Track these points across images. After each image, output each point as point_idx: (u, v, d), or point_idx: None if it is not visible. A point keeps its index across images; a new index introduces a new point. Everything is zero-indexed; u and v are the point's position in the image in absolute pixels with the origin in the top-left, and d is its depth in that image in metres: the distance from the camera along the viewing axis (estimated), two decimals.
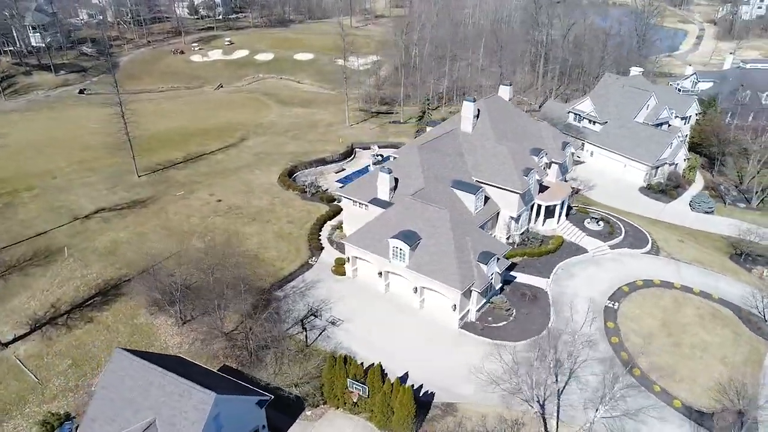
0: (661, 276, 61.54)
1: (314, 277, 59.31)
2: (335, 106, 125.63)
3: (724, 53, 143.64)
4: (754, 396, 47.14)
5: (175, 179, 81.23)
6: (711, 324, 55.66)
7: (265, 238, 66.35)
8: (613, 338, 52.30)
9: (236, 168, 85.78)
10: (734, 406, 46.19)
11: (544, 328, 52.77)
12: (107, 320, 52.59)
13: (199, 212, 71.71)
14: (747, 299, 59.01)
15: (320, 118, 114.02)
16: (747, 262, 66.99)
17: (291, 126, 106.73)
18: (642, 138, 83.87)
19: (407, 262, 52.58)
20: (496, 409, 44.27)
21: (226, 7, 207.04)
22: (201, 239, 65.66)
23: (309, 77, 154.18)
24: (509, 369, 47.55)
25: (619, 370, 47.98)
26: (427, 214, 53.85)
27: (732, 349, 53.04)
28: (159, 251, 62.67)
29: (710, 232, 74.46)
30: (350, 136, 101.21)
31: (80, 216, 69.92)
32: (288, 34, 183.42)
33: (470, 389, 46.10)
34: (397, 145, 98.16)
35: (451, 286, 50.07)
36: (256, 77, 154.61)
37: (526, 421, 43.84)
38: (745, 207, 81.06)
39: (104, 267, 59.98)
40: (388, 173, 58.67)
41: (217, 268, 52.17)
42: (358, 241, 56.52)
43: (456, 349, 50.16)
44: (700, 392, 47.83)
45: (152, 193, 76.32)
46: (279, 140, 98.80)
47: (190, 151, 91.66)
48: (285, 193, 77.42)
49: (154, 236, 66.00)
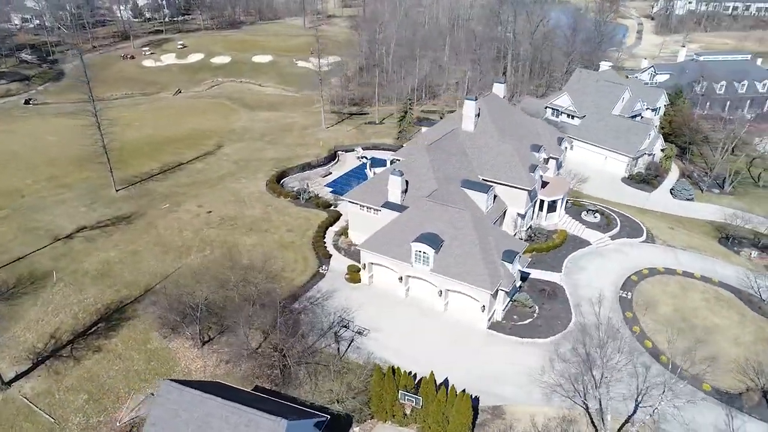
0: (662, 263, 63.56)
1: (329, 286, 57.46)
2: (304, 109, 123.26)
3: (670, 47, 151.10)
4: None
5: (156, 192, 76.92)
6: (717, 307, 57.92)
7: (268, 248, 63.74)
8: (634, 327, 53.45)
9: (219, 177, 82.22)
10: (756, 386, 48.26)
11: (568, 323, 53.33)
12: (117, 348, 48.86)
13: (191, 225, 68.16)
14: (743, 281, 61.83)
15: (292, 121, 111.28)
16: (734, 246, 70.27)
17: (265, 131, 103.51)
18: (621, 130, 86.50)
19: (431, 265, 51.74)
20: (542, 408, 44.22)
21: (171, 8, 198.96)
22: (199, 254, 62.40)
23: (270, 80, 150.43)
24: (545, 366, 47.95)
25: (647, 360, 49.36)
26: (447, 216, 53.19)
27: (740, 330, 55.34)
28: (157, 269, 59.32)
29: (694, 218, 77.68)
30: (329, 139, 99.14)
31: (61, 236, 64.90)
32: (242, 36, 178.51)
33: (510, 390, 45.85)
34: (379, 146, 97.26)
35: (481, 288, 49.65)
36: (214, 81, 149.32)
37: (572, 417, 43.97)
38: (719, 192, 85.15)
39: (101, 290, 55.82)
40: (399, 176, 57.58)
41: (237, 283, 49.53)
42: (375, 246, 55.17)
43: (488, 350, 49.80)
44: (723, 374, 49.50)
45: (135, 208, 71.91)
46: (257, 146, 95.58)
47: (165, 161, 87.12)
48: (277, 201, 74.85)
49: (149, 254, 62.12)
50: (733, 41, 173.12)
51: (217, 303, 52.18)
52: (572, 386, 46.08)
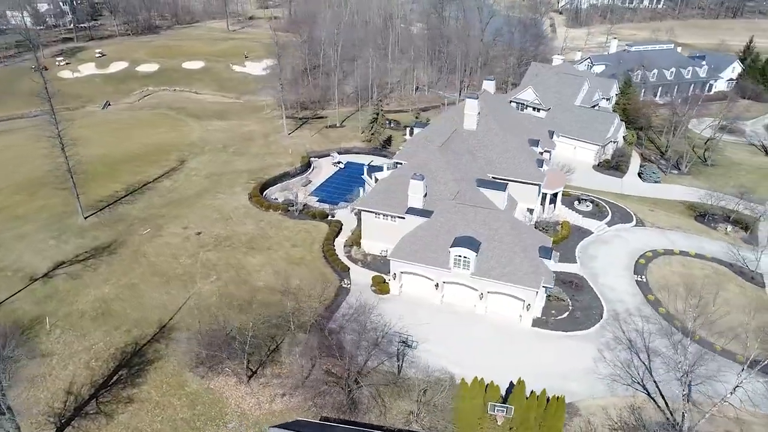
0: (659, 245, 66.96)
1: (358, 301, 54.43)
2: (255, 116, 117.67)
3: (595, 38, 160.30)
4: None
5: (130, 216, 69.88)
6: (719, 280, 61.84)
7: (278, 267, 59.93)
8: (660, 309, 55.77)
9: (195, 194, 76.23)
10: None
11: (602, 312, 54.59)
12: (151, 396, 43.60)
13: (184, 250, 62.57)
14: (729, 254, 66.63)
15: (249, 129, 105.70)
16: (711, 222, 75.52)
17: (225, 141, 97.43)
18: (587, 120, 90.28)
19: (472, 269, 50.86)
20: (610, 399, 44.84)
21: (78, 14, 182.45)
22: (206, 280, 57.39)
23: (206, 87, 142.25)
24: (596, 357, 48.83)
25: (683, 339, 51.53)
26: (480, 217, 52.55)
27: (744, 299, 59.47)
28: (165, 302, 53.92)
29: (666, 199, 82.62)
30: (296, 146, 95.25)
31: (37, 276, 57.08)
32: (165, 42, 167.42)
33: (575, 385, 45.94)
34: (351, 150, 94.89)
35: (528, 287, 49.54)
36: (145, 91, 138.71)
37: (639, 404, 44.92)
38: (678, 173, 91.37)
39: (107, 333, 49.65)
40: (421, 180, 56.08)
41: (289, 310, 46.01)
42: (406, 255, 53.40)
43: (539, 347, 49.78)
44: (750, 343, 52.76)
45: (113, 236, 64.86)
46: (223, 158, 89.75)
47: (127, 181, 79.37)
48: (267, 215, 70.66)
49: (148, 286, 56.21)
50: (644, 32, 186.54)
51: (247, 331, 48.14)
52: (627, 373, 47.37)
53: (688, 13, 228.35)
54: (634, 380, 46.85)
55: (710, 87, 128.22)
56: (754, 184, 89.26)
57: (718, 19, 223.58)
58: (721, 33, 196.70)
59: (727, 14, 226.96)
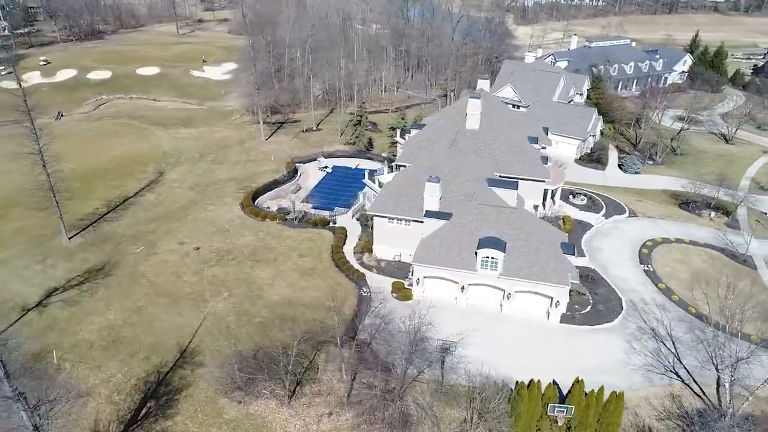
0: (656, 234, 69.12)
1: (382, 309, 53.34)
2: (224, 122, 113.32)
3: (549, 35, 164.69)
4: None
5: (117, 234, 65.49)
6: (717, 265, 64.51)
7: (291, 279, 57.68)
8: (672, 297, 57.41)
9: (183, 207, 72.42)
10: None
11: (621, 304, 55.57)
12: (189, 427, 40.70)
13: (186, 267, 59.22)
14: (718, 239, 69.73)
15: (222, 136, 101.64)
16: (694, 210, 78.67)
17: (201, 150, 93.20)
18: (567, 115, 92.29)
19: (500, 269, 50.58)
20: (650, 389, 45.59)
21: (12, 19, 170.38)
22: (217, 297, 54.45)
23: (165, 94, 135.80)
24: (627, 348, 49.68)
25: (698, 323, 53.40)
26: (503, 217, 52.37)
27: (742, 281, 62.12)
28: (179, 324, 50.81)
29: (648, 189, 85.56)
30: (277, 152, 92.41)
31: (30, 306, 52.37)
32: (114, 47, 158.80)
33: (614, 378, 46.22)
34: (334, 153, 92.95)
35: (557, 284, 49.77)
36: (99, 100, 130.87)
37: (677, 392, 45.91)
38: (653, 163, 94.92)
39: (124, 362, 46.08)
40: (437, 182, 55.28)
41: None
42: (430, 259, 52.52)
43: (572, 343, 50.04)
44: (759, 325, 55.08)
45: (104, 257, 60.54)
46: (203, 168, 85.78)
47: (106, 197, 74.43)
48: (265, 225, 68.05)
49: (157, 308, 52.69)
50: (594, 29, 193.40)
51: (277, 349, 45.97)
52: (659, 362, 48.44)
53: (627, 9, 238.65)
54: (667, 368, 47.97)
55: (665, 80, 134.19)
56: (722, 170, 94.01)
57: (656, 14, 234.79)
58: (660, 28, 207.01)
59: (663, 10, 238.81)
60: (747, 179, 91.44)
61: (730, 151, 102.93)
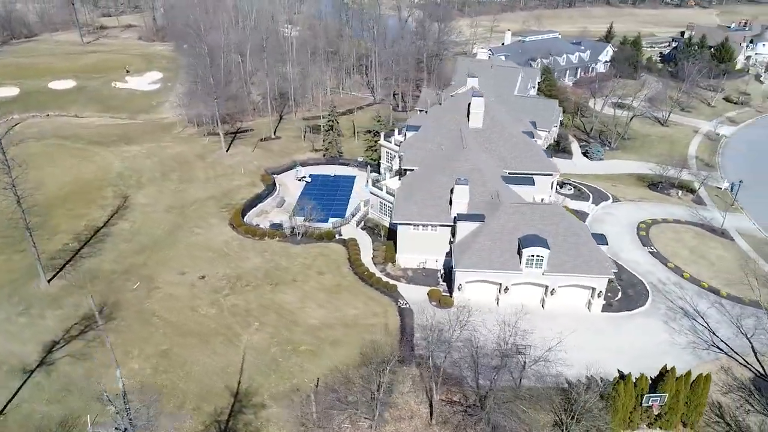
0: (643, 216, 72.79)
1: (426, 319, 51.34)
2: (167, 135, 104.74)
3: (472, 31, 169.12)
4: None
5: (104, 270, 58.11)
6: (705, 240, 69.12)
7: (320, 300, 54.14)
8: (684, 274, 60.59)
9: (167, 233, 65.80)
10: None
11: (646, 288, 57.67)
12: None
13: (197, 299, 53.77)
14: (694, 216, 75.02)
15: (176, 151, 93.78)
16: (663, 190, 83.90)
17: (159, 168, 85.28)
18: (532, 108, 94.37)
19: (545, 267, 50.59)
20: (703, 366, 47.50)
21: None
22: (249, 329, 49.88)
23: (86, 108, 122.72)
24: (667, 329, 51.82)
25: (714, 297, 56.91)
26: (538, 214, 52.48)
27: (729, 253, 67.18)
28: (219, 365, 46.13)
29: (616, 173, 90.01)
30: (245, 164, 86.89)
31: (31, 366, 44.84)
32: (13, 60, 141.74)
33: (669, 359, 47.50)
34: (307, 162, 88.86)
35: (600, 275, 50.67)
36: (9, 120, 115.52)
37: (727, 365, 48.32)
38: (610, 149, 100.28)
39: (174, 418, 40.70)
40: (466, 184, 54.21)
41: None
42: (473, 264, 51.41)
43: (619, 330, 51.09)
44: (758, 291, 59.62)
45: (99, 299, 52.88)
46: (172, 187, 78.49)
47: (72, 229, 65.87)
48: (267, 244, 63.68)
49: (185, 350, 47.23)
50: (515, 24, 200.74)
51: (338, 377, 43.05)
52: (700, 338, 50.93)
53: (532, 4, 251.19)
54: (708, 344, 50.50)
55: (593, 70, 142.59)
56: (668, 151, 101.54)
57: (557, 8, 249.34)
58: (562, 22, 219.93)
59: (564, 4, 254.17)
60: (692, 158, 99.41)
61: (668, 133, 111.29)
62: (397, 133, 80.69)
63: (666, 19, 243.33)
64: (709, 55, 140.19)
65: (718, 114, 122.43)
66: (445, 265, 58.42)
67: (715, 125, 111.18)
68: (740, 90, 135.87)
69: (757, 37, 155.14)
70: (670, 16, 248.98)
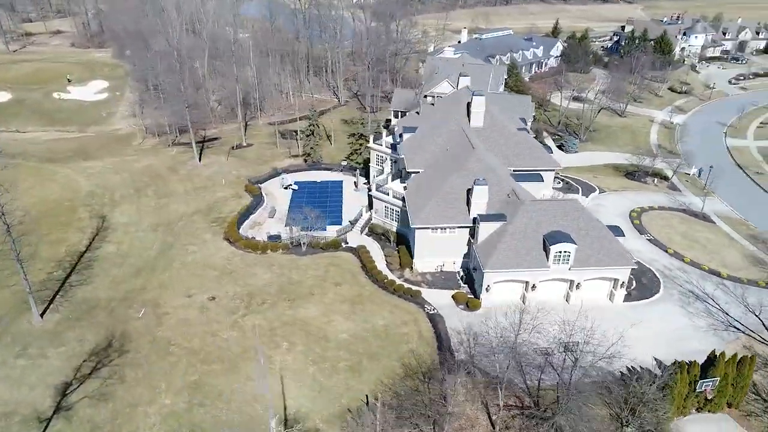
0: (632, 205, 75.15)
1: (458, 323, 50.61)
2: (128, 148, 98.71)
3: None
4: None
5: (101, 299, 53.38)
6: (690, 225, 72.29)
7: (344, 312, 52.05)
8: (685, 259, 62.96)
9: (160, 254, 61.49)
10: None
11: (653, 274, 59.37)
12: None
13: (214, 322, 50.40)
14: (674, 202, 78.47)
15: (145, 165, 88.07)
16: (639, 178, 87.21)
17: (132, 184, 79.63)
18: (509, 105, 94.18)
19: (572, 262, 50.95)
20: (729, 346, 49.11)
21: None
22: (279, 349, 47.14)
23: (29, 123, 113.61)
24: (686, 313, 53.58)
25: (717, 279, 59.50)
26: (560, 209, 52.76)
27: (715, 235, 70.66)
28: (256, 391, 42.75)
29: (593, 165, 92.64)
30: (224, 175, 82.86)
31: (46, 414, 40.27)
32: None
33: (696, 343, 49.26)
34: (288, 169, 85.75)
35: (624, 266, 51.62)
36: None
37: (746, 343, 50.42)
38: (580, 142, 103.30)
39: None
40: (485, 184, 53.69)
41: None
42: (501, 264, 50.96)
43: (644, 318, 51.68)
44: (757, 271, 62.72)
45: (103, 331, 48.95)
46: (151, 204, 73.46)
47: (51, 256, 60.48)
48: (270, 258, 60.84)
49: (214, 378, 43.99)
50: (463, 22, 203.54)
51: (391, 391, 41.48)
52: (717, 320, 52.98)
53: (471, 2, 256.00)
54: (725, 324, 52.56)
55: (546, 65, 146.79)
56: (632, 141, 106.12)
57: (495, 6, 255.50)
58: (501, 18, 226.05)
59: (501, 2, 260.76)
60: (655, 146, 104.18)
61: (627, 123, 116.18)
62: (386, 134, 79.45)
63: (596, 14, 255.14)
64: (651, 48, 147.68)
65: (667, 104, 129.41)
66: (463, 266, 57.82)
67: (670, 114, 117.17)
68: (681, 80, 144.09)
69: (689, 29, 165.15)
70: (599, 12, 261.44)
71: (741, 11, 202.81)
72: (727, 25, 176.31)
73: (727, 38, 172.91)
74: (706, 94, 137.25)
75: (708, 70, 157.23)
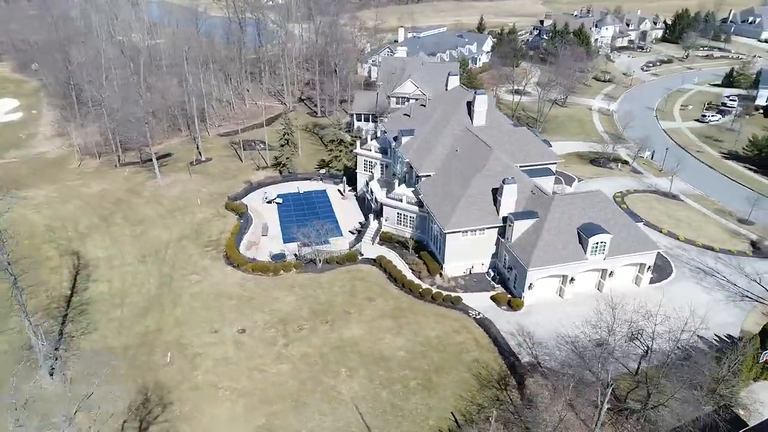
0: (612, 190, 78.08)
1: (507, 325, 49.84)
2: (69, 173, 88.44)
3: None
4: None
5: (115, 348, 47.01)
6: (667, 205, 76.87)
7: (389, 327, 49.53)
8: (680, 237, 66.57)
9: (162, 285, 55.43)
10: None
11: (662, 256, 62.00)
12: None
13: (256, 357, 46.05)
14: (644, 184, 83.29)
15: (98, 190, 79.04)
16: (603, 165, 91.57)
17: (95, 213, 71.03)
18: None
19: (607, 252, 52.02)
20: (750, 317, 52.62)
21: None
22: (337, 379, 43.84)
23: None
24: (703, 288, 56.82)
25: (713, 254, 63.68)
26: (587, 202, 53.65)
27: (690, 212, 75.62)
28: (337, 426, 39.59)
29: (560, 155, 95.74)
30: (197, 194, 76.47)
31: None
32: None
33: (725, 315, 52.15)
34: (264, 182, 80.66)
35: (651, 250, 53.60)
36: None
37: (763, 310, 54.08)
38: (540, 132, 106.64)
39: None
40: (514, 183, 53.33)
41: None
42: (543, 261, 50.90)
43: (672, 298, 53.17)
44: (737, 242, 67.85)
45: (132, 386, 42.84)
46: (126, 232, 65.99)
47: (34, 305, 51.63)
48: (289, 278, 57.07)
49: (281, 419, 40.19)
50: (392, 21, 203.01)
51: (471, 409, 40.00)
52: (730, 291, 56.56)
53: (384, 1, 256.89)
54: (740, 295, 56.15)
55: (479, 60, 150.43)
56: (582, 128, 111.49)
57: (408, 4, 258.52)
58: (415, 17, 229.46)
59: (413, 0, 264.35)
60: (603, 133, 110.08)
61: (570, 113, 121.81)
62: (370, 139, 77.17)
63: (502, 9, 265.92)
64: (572, 41, 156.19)
65: (597, 92, 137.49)
66: (491, 267, 57.26)
67: (608, 102, 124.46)
68: (602, 69, 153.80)
69: (600, 22, 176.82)
70: (505, 7, 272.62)
71: (637, 3, 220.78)
72: (629, 17, 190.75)
73: (630, 29, 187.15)
74: (627, 81, 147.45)
75: (620, 59, 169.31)
